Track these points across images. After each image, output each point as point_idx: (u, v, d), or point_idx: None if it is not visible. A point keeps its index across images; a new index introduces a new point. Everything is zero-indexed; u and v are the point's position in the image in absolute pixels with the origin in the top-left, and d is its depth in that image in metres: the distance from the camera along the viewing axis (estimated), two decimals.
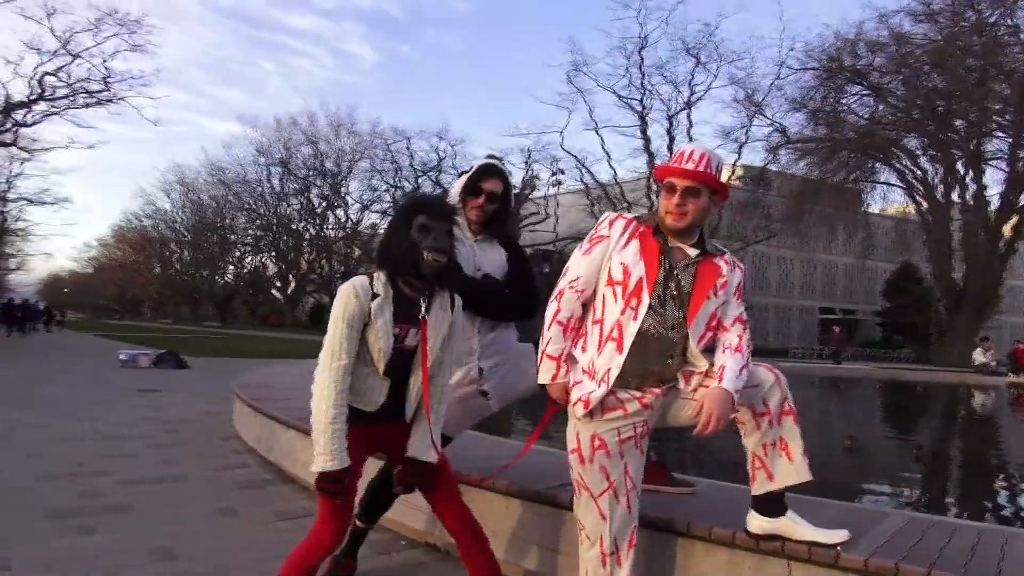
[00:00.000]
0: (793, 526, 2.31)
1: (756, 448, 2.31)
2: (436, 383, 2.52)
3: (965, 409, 14.31)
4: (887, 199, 37.77)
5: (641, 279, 2.26)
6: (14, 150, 28.01)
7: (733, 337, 2.33)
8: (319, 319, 57.76)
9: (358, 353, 2.36)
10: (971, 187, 31.82)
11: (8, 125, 23.32)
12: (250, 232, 71.73)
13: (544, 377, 2.37)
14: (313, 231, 64.24)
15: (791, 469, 2.29)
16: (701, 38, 44.92)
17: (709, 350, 2.35)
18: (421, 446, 2.42)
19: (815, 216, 36.23)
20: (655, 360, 2.27)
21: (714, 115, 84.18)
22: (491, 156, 3.16)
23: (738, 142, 37.39)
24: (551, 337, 2.36)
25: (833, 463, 6.79)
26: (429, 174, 51.84)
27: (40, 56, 22.74)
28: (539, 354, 2.39)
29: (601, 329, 2.30)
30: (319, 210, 63.05)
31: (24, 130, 23.95)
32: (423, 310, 2.41)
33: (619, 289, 2.28)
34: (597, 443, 2.28)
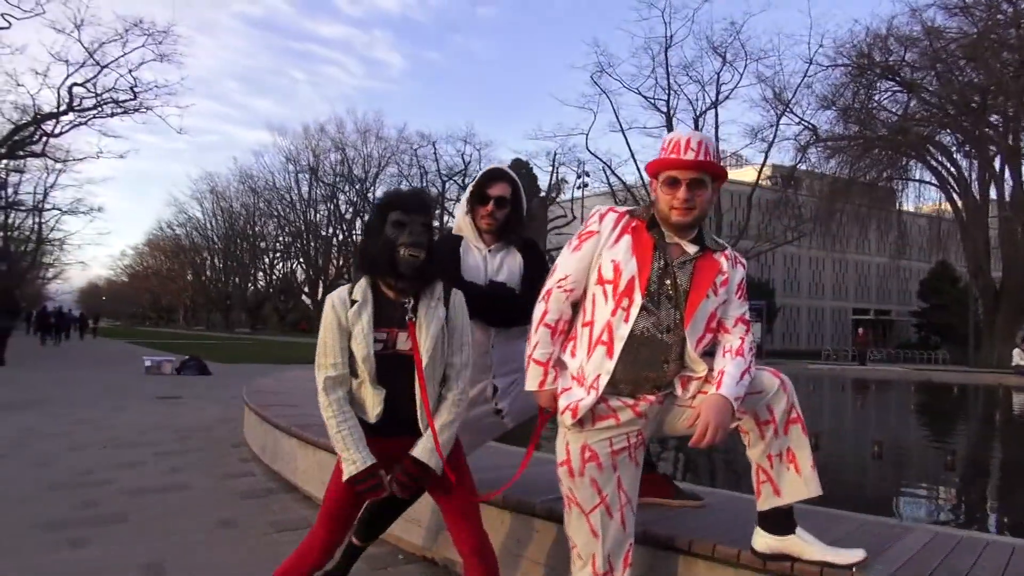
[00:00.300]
0: (803, 545, 2.12)
1: (761, 460, 2.13)
2: (445, 387, 2.35)
3: (1003, 412, 13.83)
4: (921, 197, 36.85)
5: (633, 277, 2.10)
6: (49, 161, 28.57)
7: (734, 339, 2.15)
8: None
9: (351, 364, 2.24)
10: (1009, 183, 30.94)
11: (37, 136, 23.72)
12: (280, 239, 72.57)
13: (531, 384, 2.22)
14: (341, 237, 64.68)
15: (799, 483, 2.10)
16: (728, 36, 44.69)
17: (710, 354, 2.17)
18: (423, 448, 2.26)
19: (847, 215, 35.53)
20: (649, 365, 2.10)
21: (742, 114, 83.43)
22: (516, 160, 2.99)
23: (767, 141, 36.95)
24: (538, 341, 2.21)
25: (859, 471, 6.53)
26: (455, 178, 51.99)
27: (68, 67, 23.15)
28: (526, 359, 2.24)
29: (591, 332, 2.14)
30: (347, 216, 63.49)
31: (53, 140, 24.38)
32: (409, 311, 2.26)
33: (610, 288, 2.12)
34: (588, 454, 2.12)
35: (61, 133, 24.21)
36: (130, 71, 24.44)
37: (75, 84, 23.26)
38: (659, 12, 57.19)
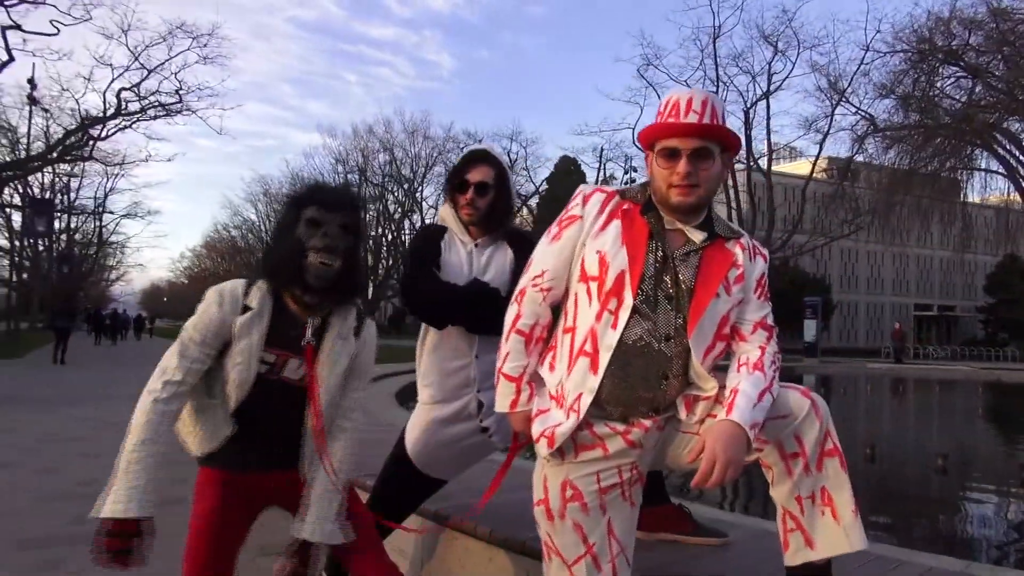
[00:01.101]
0: None
1: (788, 502, 1.69)
2: (342, 433, 1.96)
3: None
4: (987, 187, 35.15)
5: (623, 272, 1.68)
6: (108, 166, 29.22)
7: (752, 349, 1.72)
8: (398, 324, 58.37)
9: (209, 376, 1.85)
10: None
11: (84, 139, 24.18)
12: None
13: (501, 404, 1.82)
14: (390, 237, 65.04)
15: (838, 533, 1.65)
16: (779, 24, 43.33)
17: (723, 368, 1.75)
18: (320, 524, 1.84)
19: (907, 207, 34.09)
20: (644, 382, 1.68)
21: (795, 104, 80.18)
22: (564, 157, 2.60)
23: (821, 132, 35.68)
24: (509, 351, 1.81)
25: (921, 489, 5.92)
26: None
27: (112, 72, 23.54)
28: (495, 373, 1.84)
29: (572, 340, 1.73)
30: (395, 216, 63.81)
31: (100, 144, 24.86)
32: (309, 334, 1.88)
33: (594, 287, 1.71)
34: (569, 493, 1.71)
35: (107, 136, 24.68)
36: (175, 74, 24.81)
37: (123, 88, 23.67)
38: (707, 1, 55.60)
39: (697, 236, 1.74)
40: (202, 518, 1.88)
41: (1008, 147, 31.47)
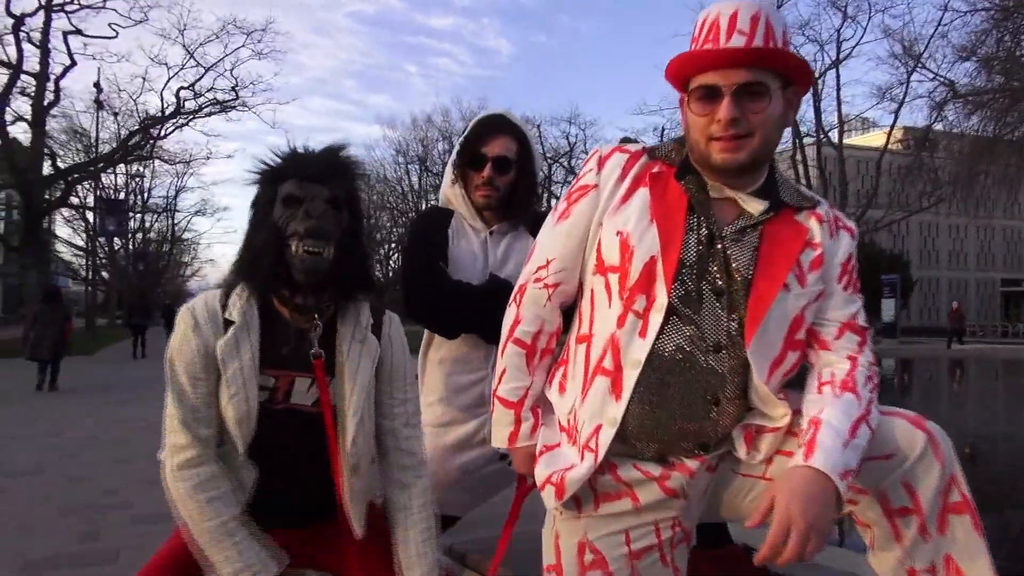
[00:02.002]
0: None
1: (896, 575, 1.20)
2: (392, 471, 1.56)
3: None
4: None
5: (653, 260, 1.23)
6: (178, 165, 29.89)
7: (839, 361, 1.25)
8: None
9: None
10: None
11: (145, 139, 24.63)
12: (394, 230, 74.20)
13: (499, 437, 1.40)
14: None
15: None
16: None
17: (795, 383, 1.28)
18: None
19: (992, 177, 32.08)
20: (686, 409, 1.23)
21: (866, 73, 76.41)
22: (625, 138, 2.19)
23: (896, 101, 33.82)
24: (506, 368, 1.38)
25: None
26: (561, 160, 51.18)
27: (168, 71, 23.90)
28: (490, 395, 1.41)
29: (588, 353, 1.29)
30: None
31: (159, 143, 25.32)
32: (315, 342, 1.47)
33: (615, 280, 1.26)
34: (589, 557, 1.28)
35: (166, 135, 25.09)
36: (230, 70, 25.03)
37: (181, 87, 24.04)
38: None
39: (755, 206, 1.26)
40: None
41: None
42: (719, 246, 1.25)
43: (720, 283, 1.24)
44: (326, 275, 1.44)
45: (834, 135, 36.19)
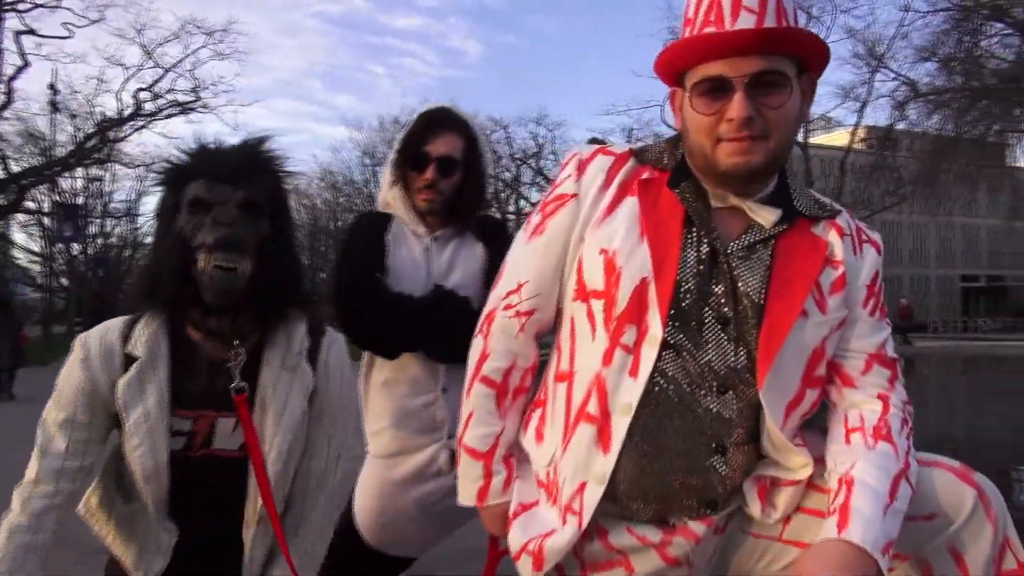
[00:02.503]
0: None
1: None
2: (304, 516, 1.35)
3: None
4: None
5: (644, 283, 1.03)
6: (138, 168, 29.15)
7: (867, 402, 1.06)
8: None
9: (120, 467, 1.23)
10: None
11: (102, 143, 24.00)
12: None
13: (465, 493, 1.19)
14: None
15: None
16: None
17: (815, 424, 1.09)
18: None
19: (952, 175, 32.63)
20: (686, 460, 1.04)
21: (831, 72, 77.24)
22: (593, 139, 1.99)
23: (859, 100, 34.30)
24: (473, 410, 1.17)
25: None
26: (529, 161, 51.11)
27: (125, 72, 23.29)
28: (456, 443, 1.20)
29: (569, 393, 1.08)
30: None
31: (124, 146, 24.72)
32: (235, 373, 1.25)
33: (600, 308, 1.06)
34: None
35: (123, 138, 24.44)
36: (191, 71, 24.45)
37: (140, 89, 23.42)
38: None
39: (766, 217, 1.07)
40: None
41: None
42: (724, 265, 1.06)
43: (725, 310, 1.05)
44: (243, 294, 1.21)
45: (799, 135, 36.58)
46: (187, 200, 1.24)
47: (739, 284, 1.07)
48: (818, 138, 46.17)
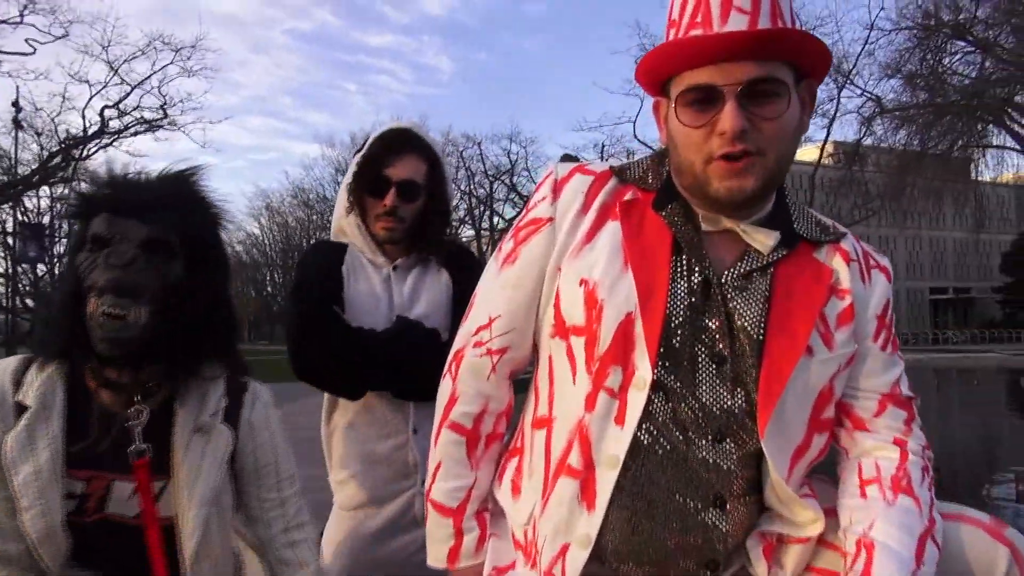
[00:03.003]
0: None
1: None
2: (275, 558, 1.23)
3: None
4: (1003, 165, 34.20)
5: (630, 318, 0.92)
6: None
7: (883, 448, 0.96)
8: None
9: (4, 533, 1.08)
10: None
11: (67, 161, 23.55)
12: None
13: (435, 554, 1.05)
14: None
15: None
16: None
17: (826, 469, 0.99)
18: None
19: (918, 190, 33.26)
20: (681, 517, 0.92)
21: None
22: (566, 155, 1.88)
23: (827, 116, 34.77)
24: (441, 460, 1.05)
25: None
26: (502, 178, 51.24)
27: (91, 89, 22.87)
28: (424, 498, 1.07)
29: (548, 442, 0.97)
30: None
31: (81, 164, 24.17)
32: (137, 434, 1.11)
33: (579, 345, 0.94)
34: None
35: (87, 156, 23.98)
36: (157, 87, 24.09)
37: (106, 106, 23.00)
38: None
39: (763, 240, 0.97)
40: None
41: (1022, 122, 30.53)
42: (718, 297, 0.95)
43: (721, 347, 0.94)
44: (137, 344, 1.07)
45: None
46: (89, 236, 1.09)
47: (735, 318, 0.96)
48: None
